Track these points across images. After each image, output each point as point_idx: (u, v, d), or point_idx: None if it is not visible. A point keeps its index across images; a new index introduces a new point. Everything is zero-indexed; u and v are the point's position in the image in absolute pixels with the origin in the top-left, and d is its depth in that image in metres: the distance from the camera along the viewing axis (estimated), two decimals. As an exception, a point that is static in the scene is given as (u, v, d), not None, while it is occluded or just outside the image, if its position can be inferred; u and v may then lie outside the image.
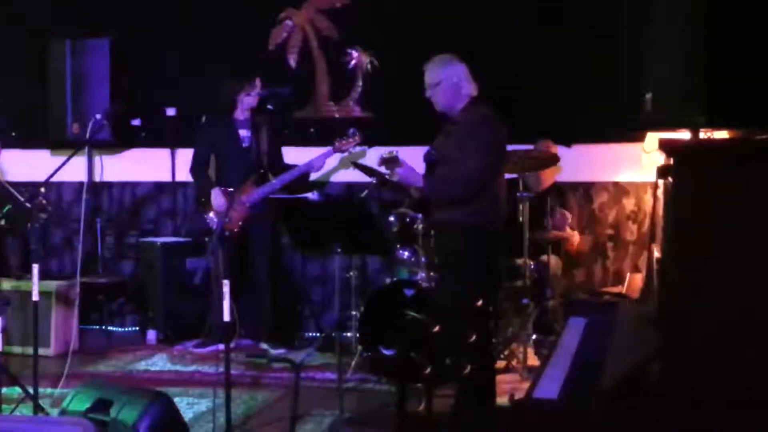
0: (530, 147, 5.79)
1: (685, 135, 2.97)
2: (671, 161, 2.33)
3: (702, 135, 2.88)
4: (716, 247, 2.20)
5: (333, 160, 6.41)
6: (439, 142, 4.47)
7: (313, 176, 6.45)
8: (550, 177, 6.15)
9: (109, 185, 7.21)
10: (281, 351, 6.18)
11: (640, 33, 3.15)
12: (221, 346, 4.21)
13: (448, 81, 4.37)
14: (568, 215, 6.06)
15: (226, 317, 4.10)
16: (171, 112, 6.91)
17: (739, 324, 2.18)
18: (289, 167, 6.24)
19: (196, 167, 6.33)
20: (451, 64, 4.42)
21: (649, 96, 2.98)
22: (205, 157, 6.34)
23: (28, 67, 7.00)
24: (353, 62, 6.71)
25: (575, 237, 6.14)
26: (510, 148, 4.87)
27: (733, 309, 2.19)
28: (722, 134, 3.05)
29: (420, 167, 4.55)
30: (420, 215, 5.37)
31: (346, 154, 6.23)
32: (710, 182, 2.21)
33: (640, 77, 3.12)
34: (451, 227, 4.35)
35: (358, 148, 6.24)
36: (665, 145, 2.40)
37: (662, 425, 2.20)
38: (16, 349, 5.72)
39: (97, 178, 7.08)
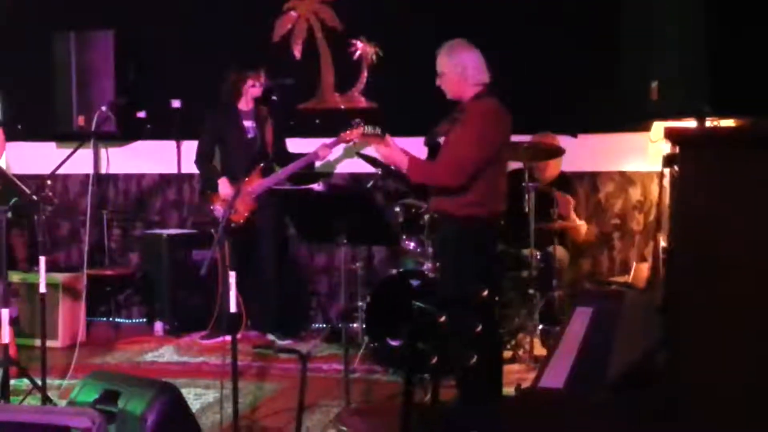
0: (529, 138, 5.73)
1: (691, 123, 2.97)
2: (677, 150, 2.32)
3: (708, 123, 2.87)
4: (723, 236, 2.19)
5: (337, 150, 6.40)
6: (445, 128, 4.45)
7: (318, 167, 6.45)
8: (555, 167, 6.13)
9: (115, 177, 7.22)
10: (288, 342, 6.19)
11: (644, 22, 3.15)
12: (228, 337, 4.21)
13: (452, 71, 4.30)
14: (571, 200, 6.02)
15: (233, 308, 4.11)
16: (176, 104, 6.91)
17: (745, 314, 2.18)
18: (294, 157, 6.24)
19: (202, 158, 6.33)
20: (457, 52, 4.32)
21: (654, 85, 2.98)
22: (210, 148, 6.34)
23: (33, 59, 7.00)
24: (358, 53, 6.70)
25: (583, 227, 6.10)
26: (515, 138, 4.85)
27: (739, 299, 2.18)
28: (728, 122, 3.04)
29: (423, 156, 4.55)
30: (425, 204, 5.36)
31: (351, 144, 6.22)
32: (717, 171, 2.21)
33: (646, 66, 3.11)
34: (447, 217, 4.34)
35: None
36: (671, 134, 2.38)
37: (667, 415, 2.20)
38: (24, 341, 5.73)
39: (102, 171, 7.09)
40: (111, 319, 6.80)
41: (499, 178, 4.32)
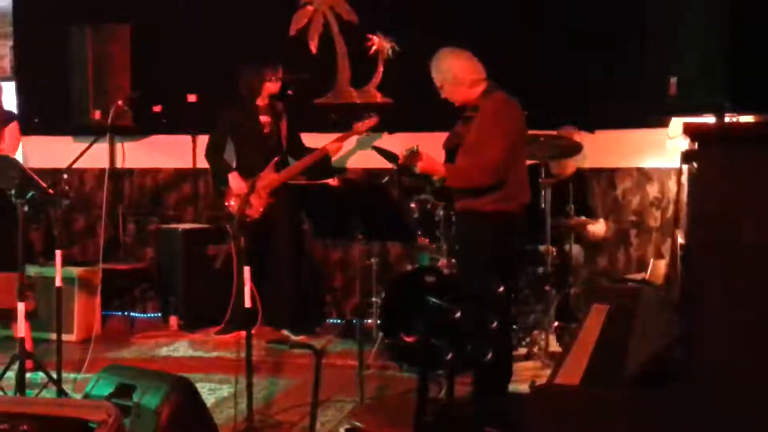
0: (553, 132, 5.74)
1: (710, 120, 2.94)
2: (696, 146, 2.30)
3: (727, 119, 2.84)
4: (741, 233, 2.17)
5: (352, 145, 6.39)
6: (460, 128, 4.46)
7: (333, 161, 6.44)
8: (573, 164, 6.09)
9: (131, 172, 7.24)
10: (302, 337, 6.19)
11: (665, 18, 3.12)
12: (242, 332, 4.21)
13: (444, 80, 4.40)
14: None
15: (248, 303, 4.11)
16: (192, 98, 6.91)
17: (763, 311, 2.15)
18: (309, 152, 6.24)
19: (211, 151, 6.35)
20: (441, 62, 4.42)
21: (673, 81, 2.96)
22: (222, 141, 6.35)
23: (50, 53, 7.02)
24: (374, 47, 6.68)
25: (601, 228, 6.05)
26: (533, 133, 4.83)
27: (757, 295, 2.16)
28: (748, 119, 3.01)
29: (439, 154, 4.54)
30: (442, 202, 5.36)
31: (364, 135, 6.22)
32: (735, 167, 2.18)
33: (665, 62, 3.09)
34: (471, 213, 4.35)
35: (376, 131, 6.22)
36: (690, 130, 2.36)
37: (685, 412, 2.18)
38: (40, 335, 5.75)
39: (118, 165, 7.11)
40: (126, 313, 6.83)
41: (521, 170, 4.38)
